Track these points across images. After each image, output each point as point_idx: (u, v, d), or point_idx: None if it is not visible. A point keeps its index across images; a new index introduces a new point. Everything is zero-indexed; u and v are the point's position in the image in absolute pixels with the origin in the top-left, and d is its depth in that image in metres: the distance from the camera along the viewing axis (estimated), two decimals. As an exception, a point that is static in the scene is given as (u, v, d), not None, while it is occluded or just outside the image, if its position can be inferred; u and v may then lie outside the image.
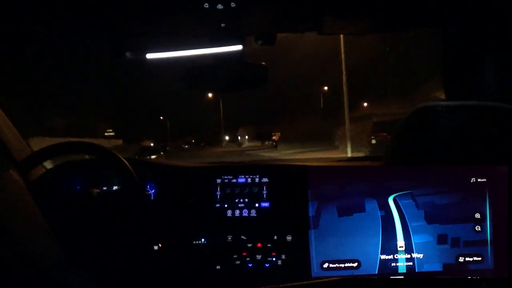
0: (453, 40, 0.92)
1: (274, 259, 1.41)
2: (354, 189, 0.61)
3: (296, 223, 1.38)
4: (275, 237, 1.43)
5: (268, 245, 1.43)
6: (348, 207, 0.61)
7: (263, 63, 1.26)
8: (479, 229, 0.58)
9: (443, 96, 0.96)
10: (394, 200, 0.60)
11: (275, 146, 25.58)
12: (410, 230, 0.60)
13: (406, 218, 0.60)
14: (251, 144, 32.70)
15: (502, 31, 0.79)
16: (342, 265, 0.60)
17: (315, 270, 0.61)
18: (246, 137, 36.52)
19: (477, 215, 0.59)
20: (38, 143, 1.56)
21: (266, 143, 30.49)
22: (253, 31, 1.22)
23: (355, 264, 0.60)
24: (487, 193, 0.58)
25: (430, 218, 0.60)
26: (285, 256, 1.41)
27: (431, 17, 1.09)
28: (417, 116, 0.64)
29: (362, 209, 0.61)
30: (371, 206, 0.61)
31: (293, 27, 1.27)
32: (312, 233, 0.61)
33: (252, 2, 1.05)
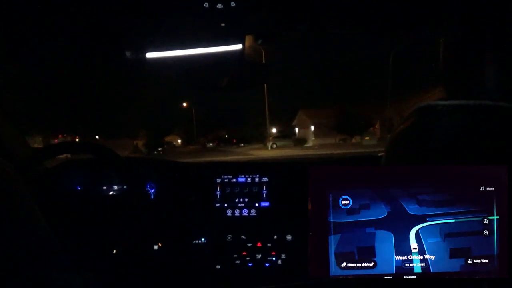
0: (453, 39, 0.92)
1: (274, 258, 1.41)
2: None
3: (296, 222, 1.38)
4: (275, 236, 1.43)
5: (268, 244, 1.43)
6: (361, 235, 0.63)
7: (263, 62, 1.26)
8: (487, 234, 0.61)
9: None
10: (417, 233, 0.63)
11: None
12: (421, 235, 0.62)
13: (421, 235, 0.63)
14: (325, 141, 17.53)
15: (502, 31, 0.79)
16: (360, 265, 0.62)
17: (333, 269, 0.63)
18: (312, 128, 20.07)
19: (485, 221, 0.61)
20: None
21: (354, 140, 16.83)
22: (253, 30, 1.22)
23: (371, 264, 0.62)
24: (494, 201, 0.61)
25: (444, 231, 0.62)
26: (285, 256, 1.41)
27: (432, 17, 1.09)
28: (417, 116, 0.64)
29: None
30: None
31: (293, 26, 1.27)
32: (331, 239, 0.63)
33: (252, 1, 1.05)
